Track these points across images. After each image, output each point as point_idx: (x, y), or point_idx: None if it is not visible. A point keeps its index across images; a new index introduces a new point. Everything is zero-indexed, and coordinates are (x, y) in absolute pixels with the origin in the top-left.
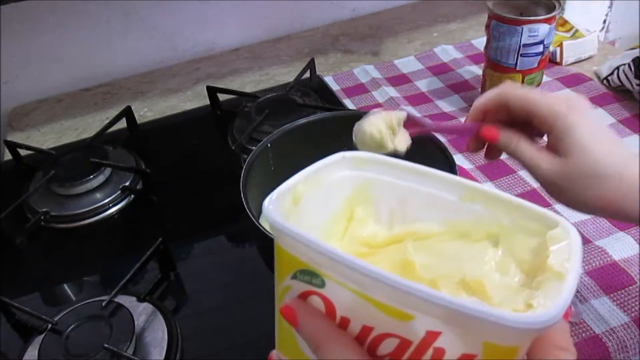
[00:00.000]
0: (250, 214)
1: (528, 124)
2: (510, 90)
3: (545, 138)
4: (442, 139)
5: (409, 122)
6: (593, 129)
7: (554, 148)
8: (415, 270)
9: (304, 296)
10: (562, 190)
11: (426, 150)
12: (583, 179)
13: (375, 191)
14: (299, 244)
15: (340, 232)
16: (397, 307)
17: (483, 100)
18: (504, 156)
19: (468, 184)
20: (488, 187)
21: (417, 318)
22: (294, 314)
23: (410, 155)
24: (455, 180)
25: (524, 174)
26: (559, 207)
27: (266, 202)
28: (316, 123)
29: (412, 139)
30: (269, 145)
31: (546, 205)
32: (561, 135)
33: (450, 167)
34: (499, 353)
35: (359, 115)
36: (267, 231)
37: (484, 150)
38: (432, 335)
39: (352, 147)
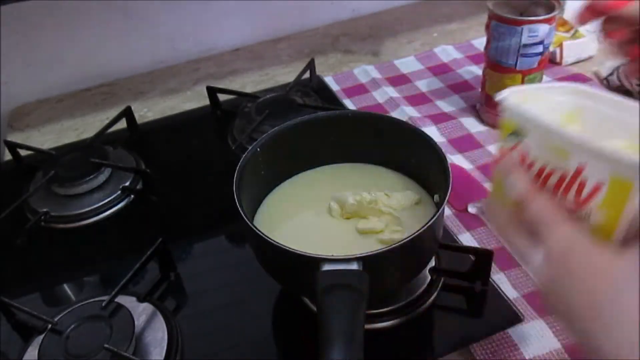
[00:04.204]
0: (245, 218)
1: None
2: None
3: None
4: (441, 139)
5: None
6: None
7: None
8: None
9: (510, 150)
10: None
11: (419, 148)
12: None
13: (586, 115)
14: (519, 115)
15: None
16: (563, 148)
17: None
18: None
19: None
20: None
21: (572, 154)
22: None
23: (402, 151)
24: None
25: None
26: None
27: (505, 91)
28: (305, 124)
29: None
30: (258, 149)
31: None
32: None
33: (441, 162)
34: (618, 184)
35: (345, 115)
36: (262, 232)
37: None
38: (580, 169)
39: (340, 145)
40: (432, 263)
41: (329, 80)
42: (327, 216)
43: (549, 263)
